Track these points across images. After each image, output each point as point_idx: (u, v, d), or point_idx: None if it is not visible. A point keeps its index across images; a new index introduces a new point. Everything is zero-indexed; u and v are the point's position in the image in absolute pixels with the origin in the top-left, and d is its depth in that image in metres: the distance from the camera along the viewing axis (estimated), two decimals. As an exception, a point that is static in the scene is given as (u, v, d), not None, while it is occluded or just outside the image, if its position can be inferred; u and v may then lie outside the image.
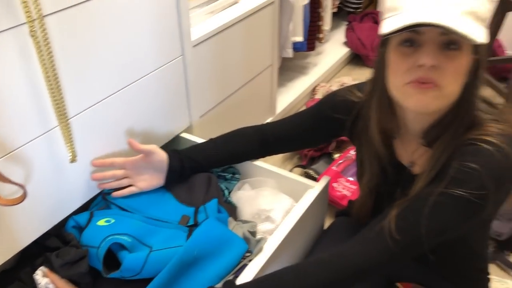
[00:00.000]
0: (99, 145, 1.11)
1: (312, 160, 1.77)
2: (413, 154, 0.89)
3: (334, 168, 1.64)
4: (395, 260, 0.81)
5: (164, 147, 1.30)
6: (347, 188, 1.60)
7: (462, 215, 0.77)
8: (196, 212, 1.08)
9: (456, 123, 0.79)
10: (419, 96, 0.75)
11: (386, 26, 0.73)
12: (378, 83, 0.85)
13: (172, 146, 1.36)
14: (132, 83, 1.15)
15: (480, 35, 0.70)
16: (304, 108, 2.12)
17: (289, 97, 2.13)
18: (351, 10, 2.72)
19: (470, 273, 1.00)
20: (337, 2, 2.41)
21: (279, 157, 1.88)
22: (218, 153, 1.14)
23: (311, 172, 1.70)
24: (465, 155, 0.76)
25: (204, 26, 1.42)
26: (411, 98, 0.76)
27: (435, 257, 0.82)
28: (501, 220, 1.42)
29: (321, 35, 2.21)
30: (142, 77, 1.18)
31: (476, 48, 0.74)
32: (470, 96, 0.78)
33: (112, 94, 1.10)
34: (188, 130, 1.42)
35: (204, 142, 1.18)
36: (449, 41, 0.72)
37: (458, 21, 0.69)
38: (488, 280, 1.02)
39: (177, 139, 1.39)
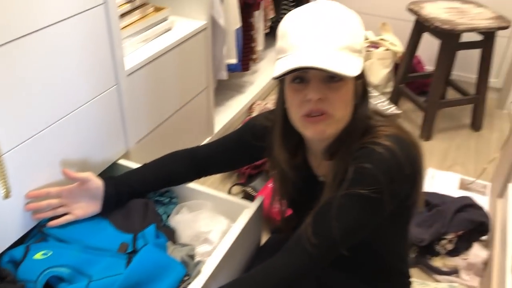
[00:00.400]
0: (35, 178, 1.11)
1: (250, 178, 1.84)
2: (323, 167, 0.99)
3: (270, 185, 1.72)
4: (316, 263, 0.89)
5: (102, 175, 1.32)
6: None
7: (364, 211, 0.86)
8: (134, 239, 1.10)
9: (351, 136, 0.90)
10: (314, 127, 0.87)
11: (276, 69, 0.84)
12: (279, 113, 0.95)
13: (110, 173, 1.38)
14: (67, 115, 1.16)
15: (355, 68, 0.82)
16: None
17: (227, 116, 2.19)
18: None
19: (393, 276, 1.10)
20: (269, 24, 2.51)
21: (218, 175, 1.94)
22: (153, 177, 1.18)
23: (249, 190, 1.76)
24: (358, 158, 0.87)
25: (137, 54, 1.45)
26: (308, 129, 0.88)
27: (360, 260, 0.90)
28: (422, 227, 1.55)
29: (255, 56, 2.30)
30: (77, 109, 1.19)
31: (361, 73, 0.86)
32: (361, 113, 0.90)
33: (47, 127, 1.11)
34: (126, 156, 1.44)
35: (139, 167, 1.21)
36: (331, 75, 0.83)
37: (334, 58, 0.81)
38: (410, 283, 1.12)
39: (114, 166, 1.40)
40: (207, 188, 1.29)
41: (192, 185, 1.28)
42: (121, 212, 1.15)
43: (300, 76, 0.85)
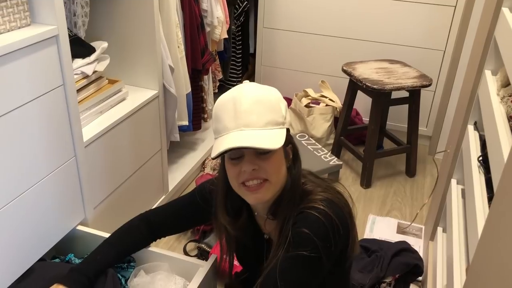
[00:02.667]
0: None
1: (204, 234, 1.93)
2: (268, 225, 1.12)
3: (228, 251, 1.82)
4: None
5: (62, 241, 1.39)
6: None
7: (306, 270, 0.99)
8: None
9: (289, 197, 1.04)
10: (254, 195, 1.01)
11: (214, 148, 0.98)
12: (222, 182, 1.09)
13: (69, 238, 1.45)
14: (28, 189, 1.24)
15: (279, 139, 0.95)
16: (193, 183, 2.29)
17: (180, 174, 2.29)
18: (231, 87, 3.02)
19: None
20: (217, 84, 2.68)
21: (173, 233, 2.02)
22: (115, 254, 1.26)
23: (203, 246, 1.85)
24: (297, 223, 1.00)
25: (94, 126, 1.55)
26: (249, 196, 1.03)
27: None
28: (363, 272, 1.69)
29: (205, 115, 2.44)
30: (38, 182, 1.28)
31: (289, 139, 1.00)
32: (295, 174, 1.04)
33: (10, 202, 1.18)
34: (84, 222, 1.52)
35: (101, 248, 1.25)
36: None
37: (260, 136, 0.94)
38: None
39: (73, 232, 1.47)
40: (162, 249, 1.38)
41: (149, 247, 1.37)
42: None
43: (235, 153, 0.99)
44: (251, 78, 3.29)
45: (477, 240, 1.00)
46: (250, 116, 0.96)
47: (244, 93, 0.98)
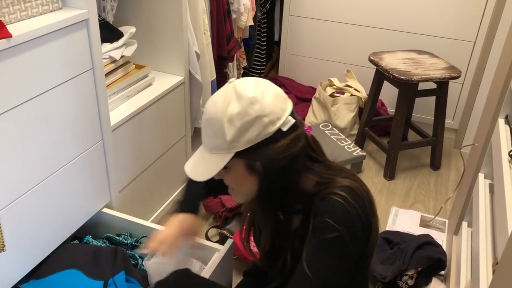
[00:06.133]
0: (28, 231, 1.20)
1: (226, 221, 1.95)
2: None
3: (245, 227, 1.83)
4: None
5: (87, 223, 1.42)
6: (258, 245, 1.78)
7: (333, 254, 0.96)
8: (105, 285, 1.19)
9: (268, 201, 1.03)
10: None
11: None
12: None
13: (94, 221, 1.48)
14: (56, 171, 1.27)
15: (213, 169, 0.95)
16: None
17: (203, 160, 2.31)
18: (255, 75, 3.01)
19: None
20: (241, 71, 2.67)
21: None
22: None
23: (225, 232, 1.86)
24: (318, 209, 0.98)
25: (121, 110, 1.57)
26: None
27: None
28: (385, 264, 1.68)
29: (229, 102, 2.44)
30: (66, 164, 1.30)
31: (255, 157, 0.95)
32: (266, 188, 1.00)
33: (38, 184, 1.21)
34: (109, 205, 1.54)
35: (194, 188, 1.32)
36: None
37: (200, 161, 0.98)
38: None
39: (98, 214, 1.50)
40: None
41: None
42: (91, 260, 1.27)
43: None
44: (275, 66, 3.27)
45: (507, 236, 0.98)
46: (203, 135, 0.98)
47: (206, 105, 0.96)
